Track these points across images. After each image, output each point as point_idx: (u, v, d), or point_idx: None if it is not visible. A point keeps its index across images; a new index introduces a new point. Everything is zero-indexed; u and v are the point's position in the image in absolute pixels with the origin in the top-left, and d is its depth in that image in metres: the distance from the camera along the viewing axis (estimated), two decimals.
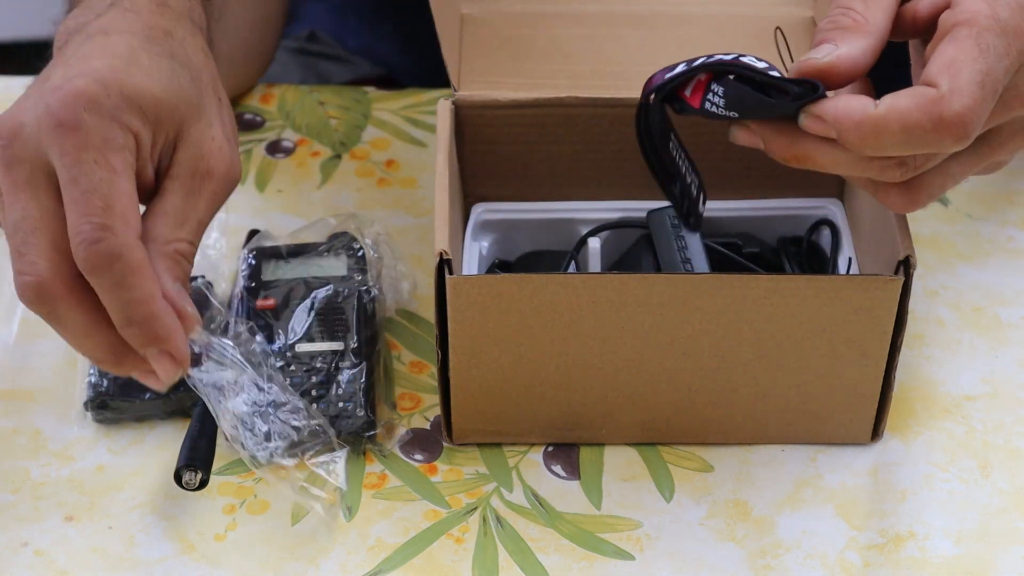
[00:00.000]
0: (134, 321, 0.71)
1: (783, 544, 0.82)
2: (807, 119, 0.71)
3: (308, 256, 0.93)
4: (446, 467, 0.86)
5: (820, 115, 0.71)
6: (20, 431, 0.88)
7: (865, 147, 0.70)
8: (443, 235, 0.79)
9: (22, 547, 0.82)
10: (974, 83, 0.69)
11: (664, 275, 0.81)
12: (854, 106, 0.70)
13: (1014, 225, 1.00)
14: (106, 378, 0.87)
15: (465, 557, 0.81)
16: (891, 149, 0.70)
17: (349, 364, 0.87)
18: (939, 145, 0.70)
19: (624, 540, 0.82)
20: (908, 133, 0.69)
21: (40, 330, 0.92)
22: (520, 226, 0.91)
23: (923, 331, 0.93)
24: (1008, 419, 0.88)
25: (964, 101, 0.69)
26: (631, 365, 0.83)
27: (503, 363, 0.83)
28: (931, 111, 0.69)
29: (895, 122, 0.69)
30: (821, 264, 0.90)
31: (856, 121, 0.70)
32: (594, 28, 0.92)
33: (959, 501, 0.84)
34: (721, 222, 0.91)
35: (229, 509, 0.84)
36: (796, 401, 0.84)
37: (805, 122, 0.71)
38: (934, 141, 0.69)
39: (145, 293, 0.71)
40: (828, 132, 0.71)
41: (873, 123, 0.70)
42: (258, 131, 1.07)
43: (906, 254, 0.78)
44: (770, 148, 0.74)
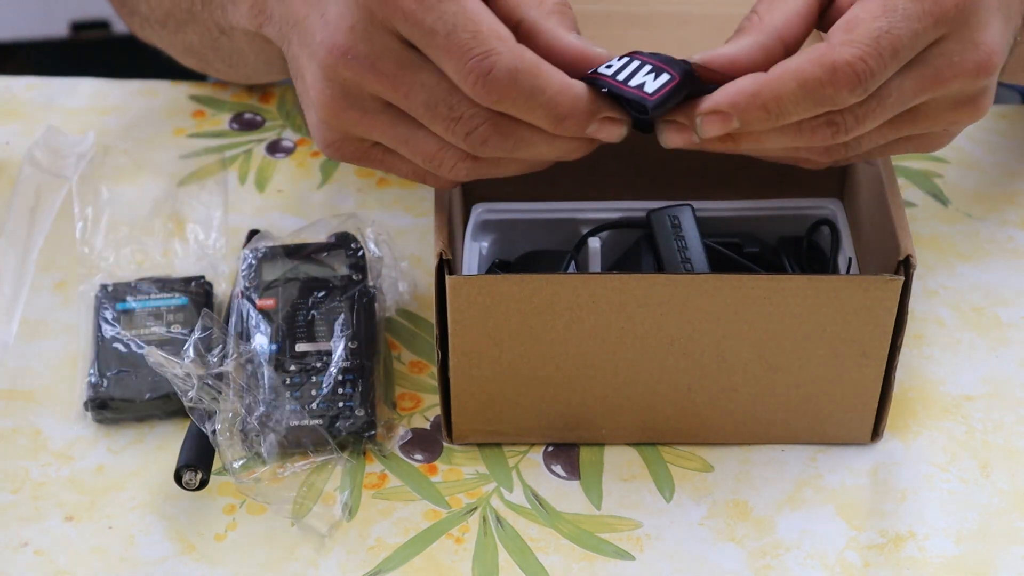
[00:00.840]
0: (564, 115, 0.70)
1: (783, 544, 0.82)
2: (703, 120, 0.70)
3: (308, 256, 0.93)
4: (446, 467, 0.86)
5: (712, 107, 0.69)
6: (20, 431, 0.88)
7: (769, 118, 0.69)
8: (443, 235, 0.79)
9: (22, 547, 0.82)
10: (869, 36, 0.68)
11: (664, 275, 0.81)
12: (743, 81, 0.69)
13: (1014, 225, 1.00)
14: (106, 378, 0.87)
15: (465, 557, 0.81)
16: (794, 111, 0.69)
17: (349, 364, 0.87)
18: (836, 97, 0.68)
19: (624, 540, 0.82)
20: (805, 88, 0.68)
21: (40, 330, 0.93)
22: (520, 226, 0.91)
23: (923, 331, 0.93)
24: (1008, 419, 0.88)
25: (854, 50, 0.68)
26: (631, 365, 0.83)
27: (503, 363, 0.83)
28: (823, 61, 0.68)
29: (791, 80, 0.68)
30: (821, 264, 0.90)
31: (751, 92, 0.68)
32: (594, 28, 0.92)
33: (959, 501, 0.84)
34: (721, 222, 0.90)
35: (229, 509, 0.84)
36: (796, 401, 0.84)
37: (703, 125, 0.70)
38: (831, 94, 0.68)
39: (557, 85, 0.69)
40: (729, 123, 0.69)
41: (770, 88, 0.68)
42: (258, 131, 1.07)
43: (906, 254, 0.78)
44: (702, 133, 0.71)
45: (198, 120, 1.08)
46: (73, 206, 1.00)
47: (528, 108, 0.69)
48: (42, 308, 0.94)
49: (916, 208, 1.01)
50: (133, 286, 0.93)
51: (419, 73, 0.69)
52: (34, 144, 1.02)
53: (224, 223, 0.99)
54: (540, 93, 0.69)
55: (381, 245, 0.93)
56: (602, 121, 0.71)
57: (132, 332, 0.90)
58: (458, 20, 0.68)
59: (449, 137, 0.71)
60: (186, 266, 0.96)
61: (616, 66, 0.72)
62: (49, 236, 0.99)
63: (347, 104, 0.71)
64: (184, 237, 0.98)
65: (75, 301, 0.94)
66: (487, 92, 0.68)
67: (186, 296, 0.92)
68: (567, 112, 0.70)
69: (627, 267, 0.88)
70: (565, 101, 0.69)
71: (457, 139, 0.71)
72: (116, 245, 0.97)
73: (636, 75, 0.71)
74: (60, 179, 1.01)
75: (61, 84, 1.11)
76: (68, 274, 0.96)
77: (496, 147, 0.71)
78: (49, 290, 0.96)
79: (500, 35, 0.68)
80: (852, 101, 0.69)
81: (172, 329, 0.90)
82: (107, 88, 1.11)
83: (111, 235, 0.98)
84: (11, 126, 1.07)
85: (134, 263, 0.96)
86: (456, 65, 0.68)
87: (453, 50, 0.68)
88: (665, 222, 0.87)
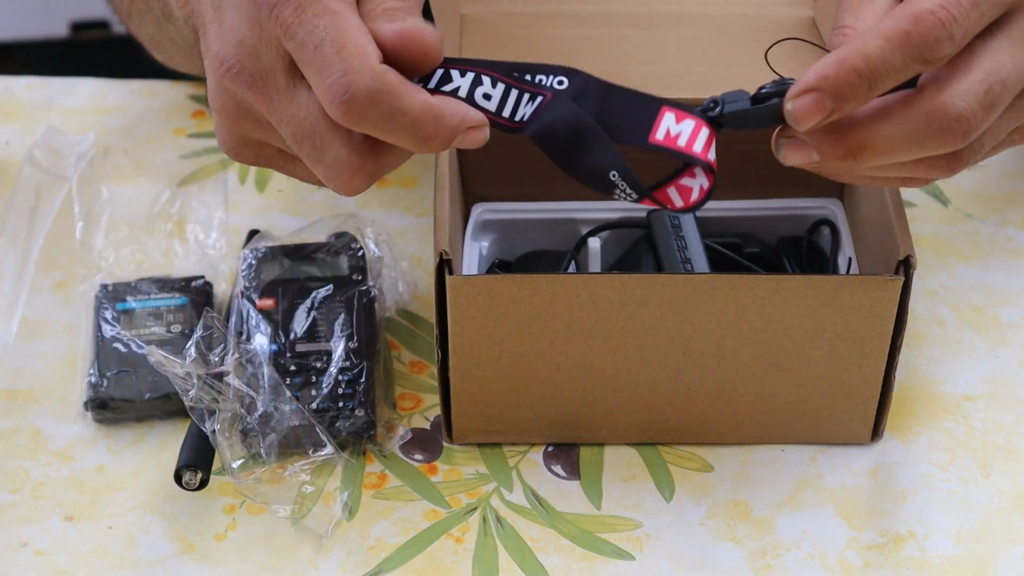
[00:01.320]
0: (428, 136, 0.68)
1: (783, 544, 0.82)
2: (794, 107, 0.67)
3: (308, 256, 0.93)
4: (446, 467, 0.86)
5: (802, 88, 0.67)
6: (20, 431, 0.88)
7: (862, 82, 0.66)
8: (443, 235, 0.79)
9: (22, 547, 0.82)
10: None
11: (664, 275, 0.81)
12: (828, 57, 0.67)
13: (1014, 225, 1.00)
14: (106, 378, 0.87)
15: (465, 557, 0.81)
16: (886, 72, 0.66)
17: (349, 364, 0.87)
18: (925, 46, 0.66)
19: (624, 540, 0.82)
20: (892, 41, 0.66)
21: (40, 330, 0.93)
22: (520, 226, 0.91)
23: (923, 331, 0.93)
24: (1008, 419, 0.88)
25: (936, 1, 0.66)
26: (631, 365, 0.83)
27: (503, 363, 0.83)
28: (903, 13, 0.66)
29: (874, 37, 0.66)
30: (821, 264, 0.90)
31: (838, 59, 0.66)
32: (594, 28, 0.92)
33: (959, 501, 0.84)
34: (721, 222, 0.91)
35: (229, 509, 0.84)
36: (796, 401, 0.84)
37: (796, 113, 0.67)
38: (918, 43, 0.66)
39: (419, 106, 0.67)
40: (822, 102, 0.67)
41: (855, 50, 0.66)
42: None
43: (906, 254, 0.78)
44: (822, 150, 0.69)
45: (198, 120, 1.08)
46: (73, 206, 1.00)
47: (390, 131, 0.68)
48: (42, 308, 0.94)
49: (916, 208, 1.01)
50: (133, 286, 0.93)
51: (292, 103, 0.68)
52: (34, 144, 1.02)
53: (224, 223, 0.99)
54: (402, 115, 0.67)
55: (381, 245, 0.93)
56: (466, 132, 0.69)
57: (132, 332, 0.90)
58: (327, 35, 0.66)
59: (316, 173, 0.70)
60: (186, 266, 0.96)
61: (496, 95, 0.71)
62: (49, 236, 0.99)
63: (239, 114, 0.70)
64: (184, 237, 0.98)
65: (75, 301, 0.94)
66: (346, 113, 0.66)
67: (186, 296, 0.92)
68: (431, 134, 0.68)
69: (627, 267, 0.88)
70: (427, 123, 0.68)
71: (322, 176, 0.70)
72: (116, 245, 0.97)
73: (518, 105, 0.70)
74: (60, 179, 1.01)
75: (61, 84, 1.11)
76: (68, 274, 0.96)
77: (361, 186, 0.70)
78: (49, 290, 0.96)
79: (364, 53, 0.66)
80: (943, 50, 0.67)
81: (172, 329, 0.90)
82: (107, 88, 1.11)
83: (111, 235, 0.98)
84: (11, 126, 1.07)
85: (134, 263, 0.96)
86: (319, 82, 0.67)
87: (317, 65, 0.66)
88: (665, 222, 0.87)
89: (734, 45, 0.90)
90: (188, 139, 1.06)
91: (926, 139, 0.68)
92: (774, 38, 0.91)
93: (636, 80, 0.88)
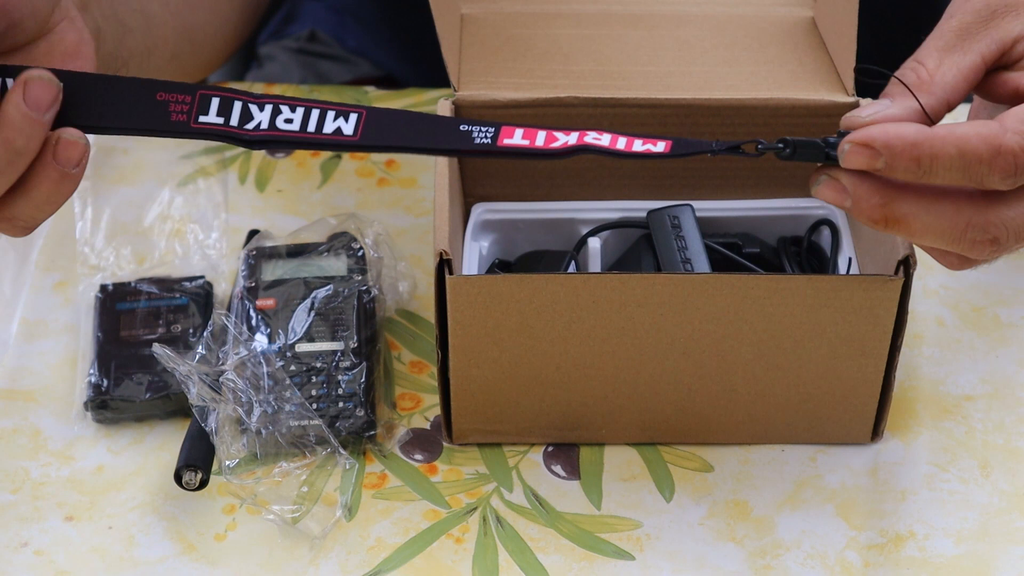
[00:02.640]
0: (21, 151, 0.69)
1: (783, 544, 0.82)
2: (849, 147, 0.68)
3: (308, 256, 0.93)
4: (446, 467, 0.86)
5: (866, 140, 0.67)
6: (20, 431, 0.88)
7: (917, 171, 0.68)
8: (443, 235, 0.79)
9: (22, 547, 0.82)
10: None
11: (664, 275, 0.81)
12: (907, 128, 0.68)
13: None
14: (106, 378, 0.87)
15: (465, 557, 0.81)
16: (941, 175, 0.68)
17: (349, 364, 0.87)
18: (987, 178, 0.68)
19: (624, 540, 0.82)
20: (964, 159, 0.67)
21: (40, 330, 0.93)
22: (520, 226, 0.91)
23: (923, 331, 0.93)
24: (1008, 419, 0.88)
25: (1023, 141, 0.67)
26: (631, 365, 0.83)
27: (503, 363, 0.83)
28: (991, 141, 0.67)
29: (953, 145, 0.67)
30: (821, 264, 0.90)
31: (911, 141, 0.67)
32: (594, 28, 0.92)
33: (959, 501, 0.84)
34: (721, 222, 0.91)
35: (229, 509, 0.84)
36: (796, 401, 0.84)
37: (847, 149, 0.68)
38: (984, 173, 0.67)
39: None
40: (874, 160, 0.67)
41: (931, 145, 0.67)
42: None
43: (906, 254, 0.78)
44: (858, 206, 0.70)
45: None
46: (73, 206, 1.00)
47: None
48: (42, 308, 0.94)
49: None
50: (133, 286, 0.93)
51: None
52: None
53: (224, 223, 0.99)
54: None
55: (381, 245, 0.93)
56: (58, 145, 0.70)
57: (132, 332, 0.90)
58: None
59: None
60: (186, 266, 0.96)
61: None
62: (49, 236, 0.99)
63: None
64: (184, 237, 0.98)
65: (75, 301, 0.94)
66: None
67: (186, 296, 0.92)
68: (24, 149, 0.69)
69: (627, 267, 0.88)
70: None
71: None
72: (116, 245, 0.97)
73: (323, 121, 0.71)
74: None
75: None
76: (68, 274, 0.96)
77: None
78: (49, 290, 0.96)
79: None
80: (998, 186, 0.69)
81: (172, 329, 0.90)
82: None
83: (111, 235, 0.98)
84: None
85: (134, 263, 0.96)
86: None
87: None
88: (665, 222, 0.87)
89: (734, 45, 0.90)
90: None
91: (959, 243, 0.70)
92: (774, 38, 0.91)
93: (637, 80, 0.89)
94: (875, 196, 0.69)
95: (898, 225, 0.70)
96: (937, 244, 0.71)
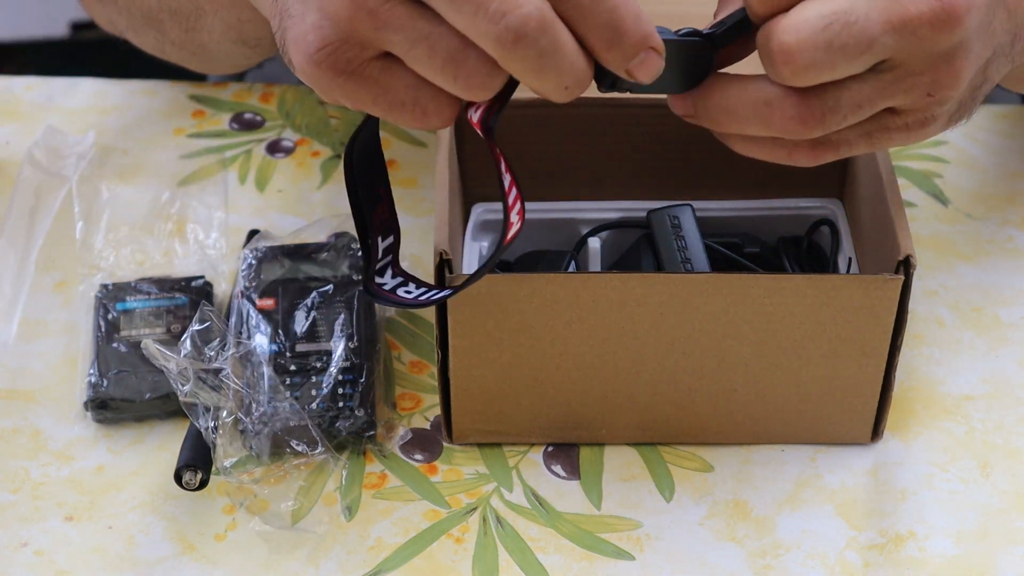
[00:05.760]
0: (612, 43, 0.64)
1: (783, 544, 0.82)
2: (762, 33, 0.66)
3: (308, 256, 0.93)
4: (446, 467, 0.86)
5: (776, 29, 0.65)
6: (20, 431, 0.88)
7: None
8: (443, 235, 0.80)
9: (22, 547, 0.82)
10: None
11: (664, 274, 0.81)
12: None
13: (1014, 225, 1.00)
14: (106, 378, 0.87)
15: (465, 557, 0.81)
16: None
17: (349, 364, 0.87)
18: None
19: (624, 540, 0.82)
20: None
21: (40, 330, 0.93)
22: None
23: (923, 331, 0.93)
24: (1008, 419, 0.88)
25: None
26: (631, 365, 0.83)
27: (503, 363, 0.83)
28: None
29: None
30: (821, 264, 0.90)
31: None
32: None
33: (959, 501, 0.84)
34: (721, 222, 0.91)
35: (229, 509, 0.84)
36: (796, 401, 0.84)
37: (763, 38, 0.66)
38: None
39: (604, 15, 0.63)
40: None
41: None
42: (258, 131, 1.07)
43: (906, 254, 0.78)
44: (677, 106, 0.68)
45: (198, 120, 1.08)
46: (73, 206, 1.00)
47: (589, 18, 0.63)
48: (42, 308, 0.94)
49: (916, 208, 1.01)
50: (133, 286, 0.93)
51: (420, 20, 0.63)
52: (34, 144, 1.02)
53: (224, 223, 0.99)
54: (565, 45, 0.63)
55: None
56: (647, 53, 0.66)
57: (132, 332, 0.90)
58: None
59: (447, 85, 0.65)
60: (186, 266, 0.96)
61: None
62: (49, 236, 0.99)
63: (357, 16, 0.64)
64: (184, 237, 0.98)
65: (75, 301, 0.94)
66: (512, 42, 0.62)
67: (186, 296, 0.92)
68: (613, 39, 0.64)
69: (627, 267, 0.88)
70: (606, 31, 0.64)
71: (454, 89, 0.65)
72: (116, 245, 0.97)
73: None
74: (60, 179, 1.01)
75: (61, 84, 1.11)
76: (68, 274, 0.96)
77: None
78: (49, 290, 0.96)
79: None
80: None
81: (172, 329, 0.90)
82: (107, 88, 1.11)
83: (111, 235, 0.98)
84: (11, 126, 1.07)
85: (134, 263, 0.96)
86: (473, 25, 0.62)
87: (464, 9, 0.62)
88: (665, 222, 0.87)
89: None
90: (188, 139, 1.06)
91: (766, 67, 0.67)
92: None
93: None
94: None
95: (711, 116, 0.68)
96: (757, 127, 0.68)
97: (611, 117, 0.89)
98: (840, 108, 0.67)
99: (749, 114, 0.68)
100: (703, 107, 0.69)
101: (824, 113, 0.67)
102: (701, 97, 0.69)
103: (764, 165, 0.79)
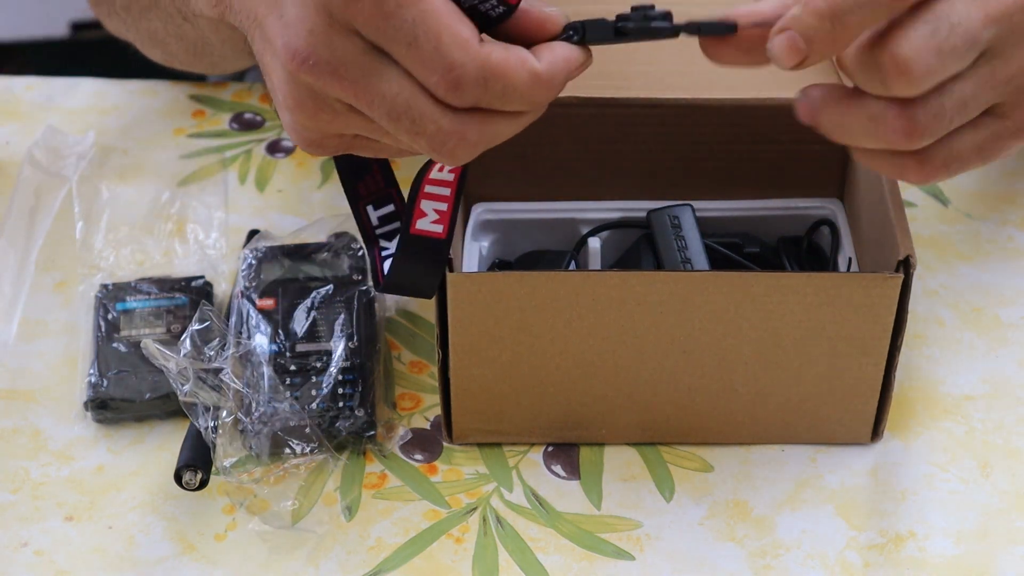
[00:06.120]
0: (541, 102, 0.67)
1: (783, 544, 0.82)
2: (770, 44, 0.66)
3: (308, 256, 0.93)
4: (446, 467, 0.86)
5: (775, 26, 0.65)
6: (20, 431, 0.88)
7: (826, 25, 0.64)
8: None
9: (22, 547, 0.82)
10: None
11: (664, 273, 0.81)
12: None
13: (1014, 225, 1.00)
14: (106, 378, 0.87)
15: (465, 557, 0.81)
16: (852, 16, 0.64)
17: (349, 364, 0.87)
18: None
19: (624, 540, 0.82)
20: None
21: (40, 330, 0.93)
22: (520, 226, 0.91)
23: (923, 331, 0.93)
24: (1008, 419, 0.88)
25: None
26: (631, 364, 0.83)
27: (503, 363, 0.83)
28: None
29: None
30: (821, 264, 0.90)
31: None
32: None
33: (959, 501, 0.84)
34: (721, 222, 0.90)
35: (229, 509, 0.84)
36: (796, 401, 0.84)
37: (775, 49, 0.66)
38: None
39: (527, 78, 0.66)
40: (796, 47, 0.65)
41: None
42: (258, 131, 1.07)
43: (906, 254, 0.78)
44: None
45: (198, 120, 1.08)
46: (73, 206, 1.00)
47: (502, 105, 0.67)
48: (42, 308, 0.94)
49: (916, 208, 1.01)
50: (133, 286, 0.93)
51: (381, 81, 0.66)
52: (34, 144, 1.03)
53: (224, 223, 0.99)
54: (512, 91, 0.66)
55: None
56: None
57: (132, 332, 0.90)
58: (418, 30, 0.64)
59: (417, 147, 0.69)
60: (186, 266, 0.96)
61: None
62: (49, 236, 0.99)
63: (317, 107, 0.68)
64: (184, 237, 0.98)
65: (75, 301, 0.94)
66: (459, 101, 0.66)
67: (186, 296, 0.92)
68: (544, 99, 0.67)
69: (627, 267, 0.88)
70: (540, 91, 0.67)
71: (424, 150, 0.68)
72: (116, 245, 0.97)
73: None
74: (60, 179, 1.01)
75: (61, 84, 1.11)
76: (68, 274, 0.96)
77: (465, 155, 0.68)
78: (49, 290, 0.96)
79: (463, 41, 0.65)
80: None
81: (172, 329, 0.90)
82: (107, 88, 1.11)
83: (111, 235, 0.98)
84: (11, 126, 1.07)
85: (134, 263, 0.96)
86: (423, 76, 0.65)
87: (416, 64, 0.65)
88: (665, 222, 0.87)
89: None
90: (188, 139, 1.06)
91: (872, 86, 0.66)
92: None
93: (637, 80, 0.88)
94: None
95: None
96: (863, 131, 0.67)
97: (611, 117, 0.89)
98: (945, 112, 0.67)
99: (859, 130, 0.68)
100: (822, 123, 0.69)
101: (929, 121, 0.67)
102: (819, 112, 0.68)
103: (764, 165, 0.79)
